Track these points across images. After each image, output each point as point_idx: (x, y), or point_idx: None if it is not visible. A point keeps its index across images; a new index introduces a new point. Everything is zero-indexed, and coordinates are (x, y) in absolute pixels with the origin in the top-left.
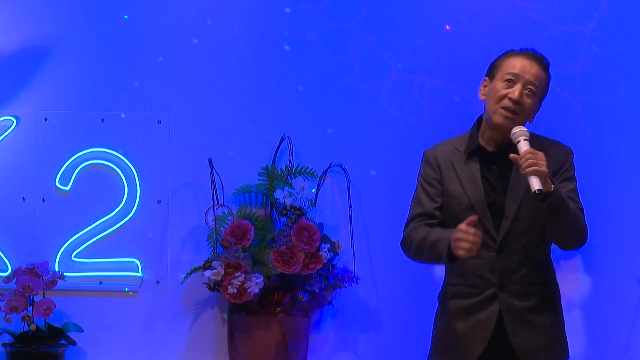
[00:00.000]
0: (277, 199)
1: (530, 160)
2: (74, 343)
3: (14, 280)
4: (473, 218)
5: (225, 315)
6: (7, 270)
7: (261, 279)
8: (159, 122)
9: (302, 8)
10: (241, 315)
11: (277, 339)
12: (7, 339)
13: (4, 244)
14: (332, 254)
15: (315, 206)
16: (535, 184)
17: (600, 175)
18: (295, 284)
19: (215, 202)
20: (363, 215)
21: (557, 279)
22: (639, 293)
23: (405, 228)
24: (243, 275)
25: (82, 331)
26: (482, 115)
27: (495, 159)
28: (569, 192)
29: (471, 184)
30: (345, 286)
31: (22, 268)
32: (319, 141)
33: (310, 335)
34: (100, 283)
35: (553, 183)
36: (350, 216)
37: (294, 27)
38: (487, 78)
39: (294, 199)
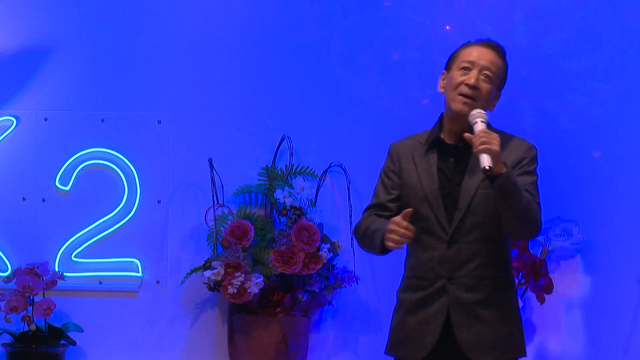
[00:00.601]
0: (277, 199)
1: (483, 139)
2: (74, 343)
3: (14, 280)
4: (408, 211)
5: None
6: (7, 270)
7: (261, 279)
8: (159, 122)
9: (302, 9)
10: (241, 315)
11: (277, 339)
12: (7, 339)
13: (4, 244)
14: (332, 254)
15: (315, 206)
16: (485, 160)
17: (600, 175)
18: (295, 284)
19: (215, 202)
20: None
21: (557, 279)
22: (639, 293)
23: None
24: (243, 275)
25: (82, 331)
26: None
27: (454, 151)
28: (527, 186)
29: (427, 176)
30: (345, 286)
31: (22, 268)
32: (319, 141)
33: (310, 335)
34: (100, 283)
35: (506, 166)
36: (350, 216)
37: (294, 27)
38: (444, 72)
39: (294, 199)
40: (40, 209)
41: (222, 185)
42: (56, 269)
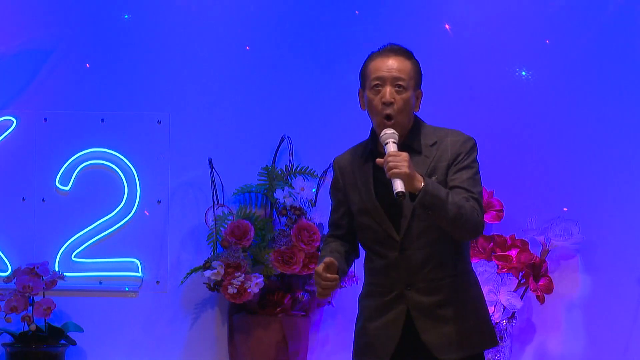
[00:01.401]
0: (277, 199)
1: (390, 164)
2: (74, 343)
3: (14, 280)
4: (328, 260)
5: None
6: (7, 270)
7: (261, 279)
8: (159, 122)
9: (302, 9)
10: (241, 315)
11: (277, 339)
12: (7, 339)
13: (4, 244)
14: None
15: (315, 206)
16: (397, 186)
17: (600, 176)
18: (295, 284)
19: (215, 202)
20: None
21: (557, 278)
22: (639, 293)
23: None
24: (243, 275)
25: (82, 331)
26: None
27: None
28: (463, 183)
29: (365, 190)
30: (345, 286)
31: (22, 268)
32: (319, 141)
33: (310, 335)
34: (100, 283)
35: (424, 181)
36: None
37: (294, 28)
38: (360, 89)
39: (294, 199)
40: (40, 209)
41: (222, 185)
42: (56, 269)
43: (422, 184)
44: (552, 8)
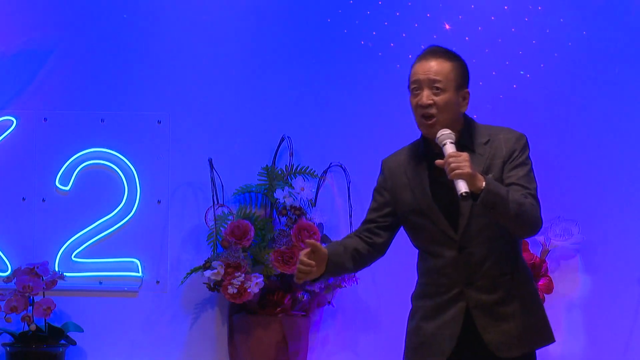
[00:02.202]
0: (277, 199)
1: (452, 165)
2: (74, 343)
3: (14, 280)
4: (310, 242)
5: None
6: (7, 270)
7: (261, 279)
8: (159, 122)
9: (302, 9)
10: (241, 315)
11: (277, 339)
12: (7, 339)
13: (4, 244)
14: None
15: (315, 206)
16: (461, 187)
17: (600, 175)
18: (295, 284)
19: (215, 202)
20: (363, 215)
21: (557, 278)
22: (639, 293)
23: None
24: (243, 275)
25: (82, 331)
26: None
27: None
28: (519, 179)
29: (420, 191)
30: (345, 286)
31: (22, 268)
32: (319, 141)
33: (310, 335)
34: (100, 283)
35: (485, 179)
36: (350, 216)
37: (294, 28)
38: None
39: (294, 199)
40: (40, 209)
41: (222, 185)
42: (56, 269)
43: (484, 183)
44: (552, 8)
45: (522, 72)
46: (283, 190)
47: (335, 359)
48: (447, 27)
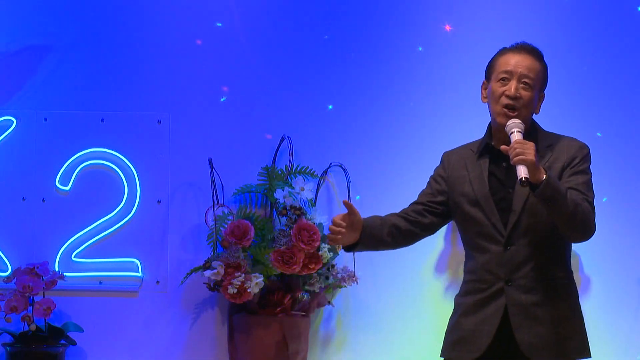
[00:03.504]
0: (277, 199)
1: (517, 150)
2: (74, 343)
3: (14, 280)
4: (345, 202)
5: None
6: (7, 270)
7: (261, 279)
8: (159, 122)
9: (302, 9)
10: (241, 315)
11: (277, 339)
12: (7, 339)
13: (4, 244)
14: (332, 254)
15: (315, 206)
16: (521, 172)
17: (600, 175)
18: (295, 284)
19: (215, 202)
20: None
21: None
22: (639, 293)
23: None
24: (243, 275)
25: (82, 331)
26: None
27: (505, 156)
28: (578, 186)
29: (478, 181)
30: (345, 286)
31: (22, 268)
32: (319, 141)
33: (310, 335)
34: (100, 283)
35: (546, 173)
36: None
37: (294, 28)
38: (484, 81)
39: (294, 199)
40: (40, 209)
41: (222, 185)
42: (56, 269)
43: (545, 176)
44: (552, 8)
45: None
46: (283, 190)
47: (335, 359)
48: (448, 28)
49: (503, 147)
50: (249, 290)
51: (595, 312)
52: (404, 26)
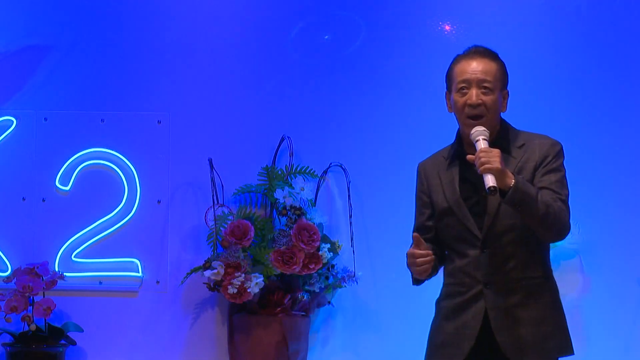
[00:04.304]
0: (277, 199)
1: (482, 159)
2: (74, 343)
3: (14, 280)
4: (415, 235)
5: None
6: (7, 270)
7: (261, 279)
8: (159, 122)
9: (302, 9)
10: (241, 315)
11: (277, 339)
12: (7, 339)
13: (4, 244)
14: (332, 254)
15: (315, 206)
16: (489, 181)
17: (600, 175)
18: (295, 284)
19: (215, 202)
20: (363, 215)
21: (557, 279)
22: (639, 293)
23: None
24: (243, 275)
25: (82, 331)
26: None
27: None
28: (551, 184)
29: (450, 188)
30: (345, 286)
31: (22, 268)
32: (319, 141)
33: (310, 335)
34: (100, 283)
35: (514, 178)
36: (350, 216)
37: (294, 28)
38: (446, 91)
39: (294, 199)
40: (40, 209)
41: (222, 185)
42: (56, 269)
43: (513, 181)
44: (552, 8)
45: (522, 71)
46: (283, 190)
47: (335, 359)
48: (447, 28)
49: (469, 156)
50: (249, 290)
51: (595, 312)
52: (404, 26)
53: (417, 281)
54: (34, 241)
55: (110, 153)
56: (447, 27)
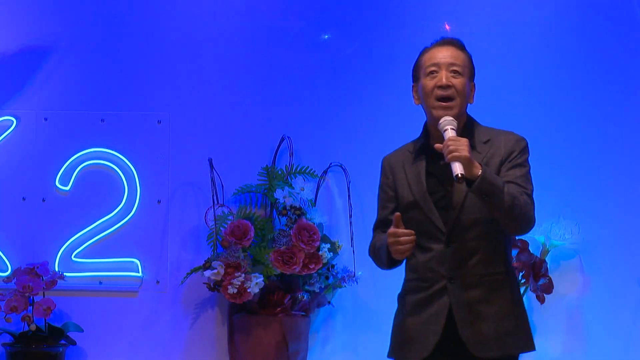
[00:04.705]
0: (277, 199)
1: (451, 147)
2: (74, 343)
3: (14, 280)
4: (396, 215)
5: None
6: (7, 270)
7: (261, 279)
8: (159, 122)
9: (302, 9)
10: (241, 315)
11: (277, 339)
12: (7, 339)
13: (4, 244)
14: (332, 254)
15: (315, 206)
16: (457, 169)
17: (600, 175)
18: (295, 284)
19: (215, 202)
20: (363, 215)
21: (557, 279)
22: (639, 293)
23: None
24: (243, 275)
25: (82, 331)
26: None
27: (442, 154)
28: (516, 179)
29: (416, 182)
30: (345, 286)
31: (22, 268)
32: (319, 141)
33: (310, 335)
34: (100, 283)
35: (482, 168)
36: (350, 216)
37: (294, 28)
38: (414, 84)
39: (294, 199)
40: (40, 209)
41: (222, 185)
42: (56, 269)
43: (480, 171)
44: (552, 9)
45: (522, 72)
46: (283, 190)
47: (335, 359)
48: (447, 27)
49: (437, 145)
50: (249, 290)
51: (595, 312)
52: (405, 26)
53: (391, 264)
54: (34, 241)
55: (110, 153)
56: (448, 27)
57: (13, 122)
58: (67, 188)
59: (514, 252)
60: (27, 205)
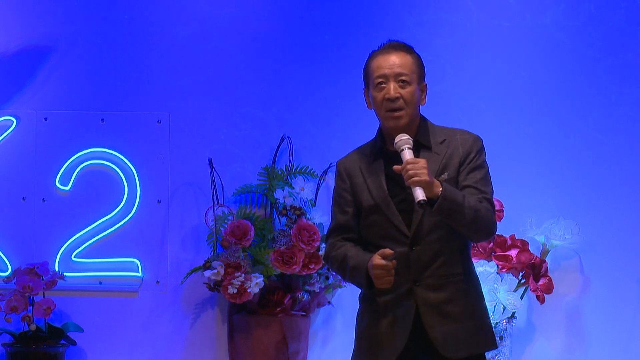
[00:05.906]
0: (277, 199)
1: (410, 172)
2: (74, 343)
3: (14, 280)
4: (387, 252)
5: None
6: (7, 270)
7: (261, 279)
8: (159, 122)
9: (302, 9)
10: (241, 315)
11: (277, 339)
12: (7, 339)
13: (4, 244)
14: None
15: (315, 206)
16: (418, 195)
17: (600, 176)
18: (295, 284)
19: (215, 202)
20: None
21: (557, 279)
22: (639, 293)
23: (326, 240)
24: (243, 275)
25: (82, 331)
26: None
27: (399, 157)
28: (476, 183)
29: (375, 185)
30: (345, 286)
31: (22, 268)
32: (319, 141)
33: (310, 335)
34: (100, 283)
35: (442, 186)
36: None
37: (294, 28)
38: (365, 88)
39: (294, 199)
40: (40, 209)
41: (222, 185)
42: (56, 269)
43: (441, 190)
44: (553, 8)
45: (522, 72)
46: (283, 190)
47: (335, 359)
48: (447, 27)
49: (396, 167)
50: (249, 290)
51: (596, 312)
52: (405, 26)
53: (369, 288)
54: (34, 241)
55: (110, 153)
56: (447, 27)
57: (13, 122)
58: (67, 188)
59: (514, 251)
60: (27, 205)
